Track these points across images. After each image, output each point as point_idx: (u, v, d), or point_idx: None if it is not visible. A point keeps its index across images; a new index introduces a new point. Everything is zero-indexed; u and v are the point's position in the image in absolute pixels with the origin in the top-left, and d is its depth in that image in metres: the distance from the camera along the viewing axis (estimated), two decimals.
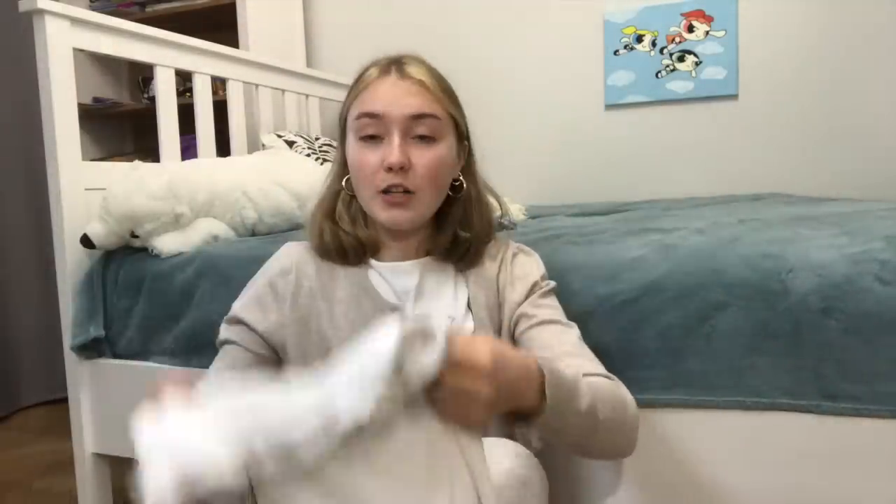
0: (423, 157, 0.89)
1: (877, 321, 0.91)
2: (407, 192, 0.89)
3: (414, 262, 0.98)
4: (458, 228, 0.97)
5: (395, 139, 0.88)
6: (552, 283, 0.98)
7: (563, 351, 0.88)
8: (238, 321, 0.96)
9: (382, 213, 0.91)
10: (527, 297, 0.95)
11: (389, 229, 0.95)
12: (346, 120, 0.95)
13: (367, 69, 0.93)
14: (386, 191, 0.89)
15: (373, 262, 0.98)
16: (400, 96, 0.89)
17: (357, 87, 0.93)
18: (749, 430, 0.98)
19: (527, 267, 0.99)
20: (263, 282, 0.97)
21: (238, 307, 0.97)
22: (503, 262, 0.99)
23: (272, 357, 0.95)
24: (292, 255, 0.99)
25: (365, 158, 0.90)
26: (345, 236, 0.96)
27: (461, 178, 0.97)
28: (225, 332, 0.97)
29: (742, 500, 1.00)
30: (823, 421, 0.95)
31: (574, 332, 0.93)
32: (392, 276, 0.97)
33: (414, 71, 0.90)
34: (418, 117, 0.89)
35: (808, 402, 0.95)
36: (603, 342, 1.04)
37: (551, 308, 0.95)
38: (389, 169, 0.88)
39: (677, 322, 1.01)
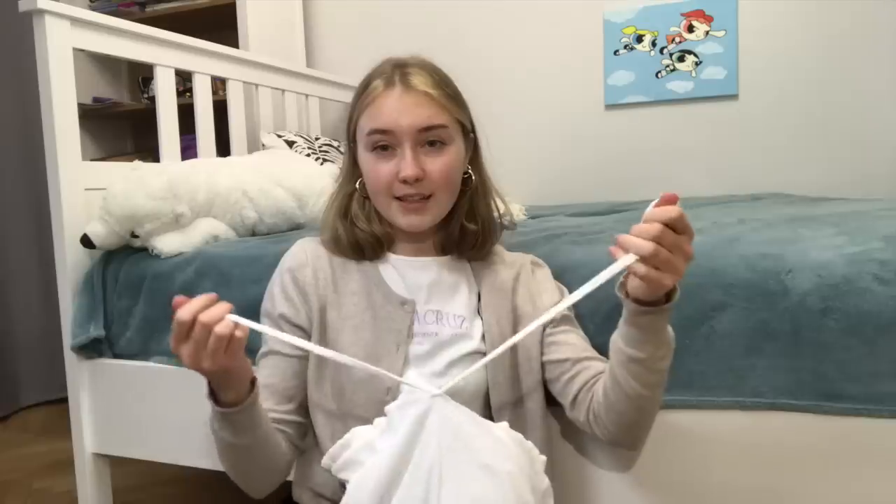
0: (435, 164, 0.92)
1: (876, 321, 0.91)
2: (423, 197, 0.92)
3: (432, 258, 1.00)
4: (464, 220, 0.99)
5: (408, 152, 0.90)
6: (567, 293, 1.03)
7: (588, 354, 0.97)
8: (278, 315, 0.96)
9: (401, 218, 0.94)
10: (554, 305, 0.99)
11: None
12: (354, 129, 0.96)
13: (371, 80, 0.94)
14: (402, 198, 0.93)
15: (390, 255, 1.00)
16: (407, 110, 0.90)
17: (363, 99, 0.94)
18: (749, 430, 0.98)
19: (548, 283, 1.03)
20: (286, 278, 0.98)
21: (270, 306, 0.98)
22: (521, 274, 1.02)
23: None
24: (307, 250, 1.00)
25: (379, 170, 0.92)
26: (360, 233, 0.98)
27: (469, 170, 0.99)
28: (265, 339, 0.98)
29: (742, 500, 1.00)
30: (823, 421, 0.95)
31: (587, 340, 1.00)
32: (408, 269, 0.99)
33: (418, 81, 0.91)
34: (427, 129, 0.91)
35: (807, 402, 0.95)
36: (603, 342, 1.03)
37: (574, 320, 1.02)
38: (404, 181, 0.90)
39: (677, 322, 1.00)
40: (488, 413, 0.93)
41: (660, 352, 0.82)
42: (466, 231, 0.99)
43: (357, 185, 0.99)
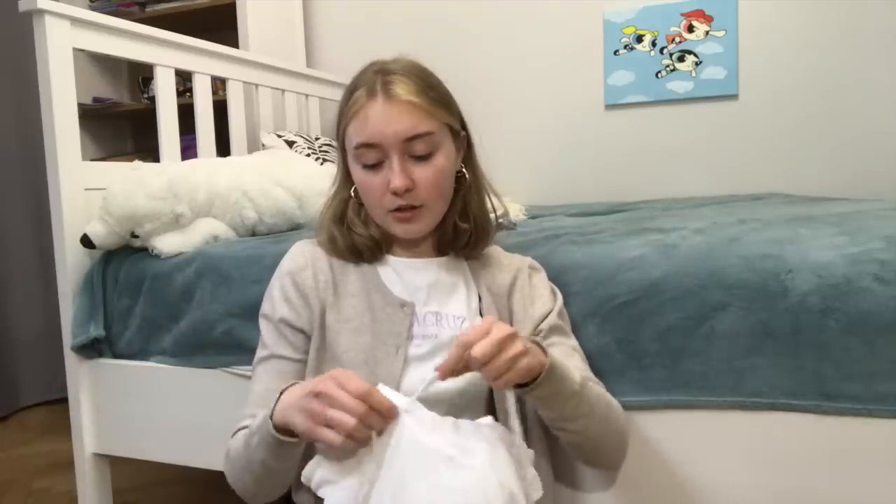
0: (424, 174, 0.91)
1: (876, 321, 0.91)
2: (415, 207, 0.92)
3: (430, 259, 1.00)
4: (457, 218, 0.99)
5: (395, 164, 0.90)
6: (560, 301, 1.02)
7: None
8: (279, 320, 0.96)
9: (396, 227, 0.95)
10: (546, 315, 0.99)
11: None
12: (343, 139, 0.96)
13: (355, 89, 0.93)
14: (396, 209, 0.93)
15: (389, 257, 1.00)
16: (391, 121, 0.89)
17: (348, 110, 0.93)
18: (749, 430, 0.98)
19: (543, 289, 1.02)
20: (286, 281, 0.98)
21: (270, 309, 0.98)
22: (518, 279, 1.01)
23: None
24: (306, 252, 1.00)
25: (370, 183, 0.93)
26: (358, 238, 0.98)
27: (463, 169, 0.99)
28: (266, 338, 0.97)
29: (742, 500, 1.00)
30: (823, 421, 0.95)
31: (577, 350, 0.99)
32: (406, 270, 0.99)
33: (401, 90, 0.89)
34: (413, 138, 0.90)
35: (807, 402, 0.95)
36: (603, 342, 1.04)
37: (564, 328, 1.00)
38: (394, 192, 0.90)
39: (677, 322, 1.01)
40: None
41: (570, 403, 0.84)
42: (459, 230, 0.99)
43: (352, 192, 0.99)
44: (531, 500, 0.78)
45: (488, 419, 0.80)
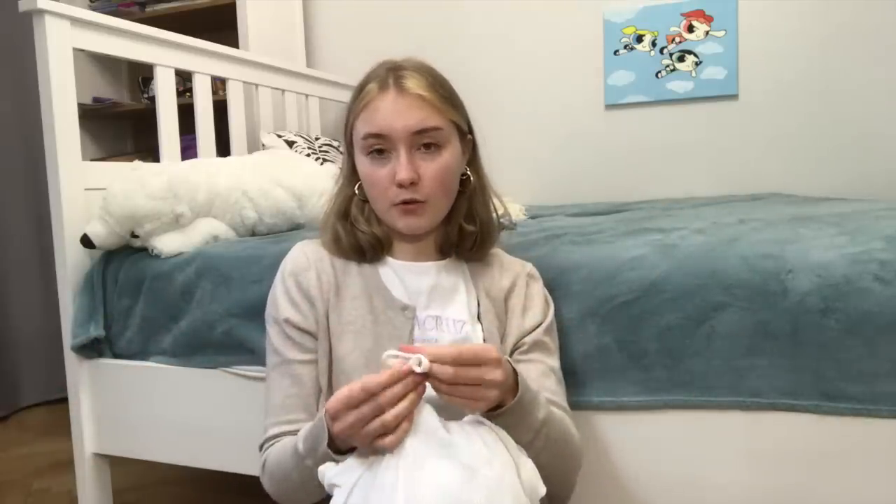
0: (430, 168, 0.92)
1: (876, 321, 0.91)
2: (419, 202, 0.92)
3: (431, 263, 0.99)
4: (462, 221, 0.99)
5: (402, 156, 0.90)
6: (551, 316, 1.01)
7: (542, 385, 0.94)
8: (284, 321, 0.95)
9: (399, 221, 0.94)
10: (534, 328, 0.98)
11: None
12: (351, 134, 0.97)
13: (366, 83, 0.94)
14: (400, 202, 0.93)
15: (389, 259, 0.99)
16: (401, 113, 0.90)
17: (358, 103, 0.94)
18: (749, 431, 0.99)
19: (538, 299, 1.01)
20: (289, 282, 0.97)
21: (274, 312, 0.97)
22: (516, 285, 1.01)
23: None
24: (308, 253, 1.00)
25: (376, 175, 0.93)
26: (361, 235, 0.98)
27: (468, 171, 0.99)
28: (276, 342, 0.96)
29: (742, 500, 1.00)
30: (823, 421, 0.95)
31: (554, 371, 0.97)
32: (407, 274, 0.98)
33: (412, 84, 0.91)
34: (421, 132, 0.91)
35: (807, 403, 0.95)
36: (602, 342, 1.04)
37: (549, 346, 0.99)
38: (400, 184, 0.90)
39: (677, 322, 1.01)
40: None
41: (524, 438, 0.83)
42: (465, 232, 0.99)
43: (356, 189, 0.99)
44: (536, 496, 0.78)
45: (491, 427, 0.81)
